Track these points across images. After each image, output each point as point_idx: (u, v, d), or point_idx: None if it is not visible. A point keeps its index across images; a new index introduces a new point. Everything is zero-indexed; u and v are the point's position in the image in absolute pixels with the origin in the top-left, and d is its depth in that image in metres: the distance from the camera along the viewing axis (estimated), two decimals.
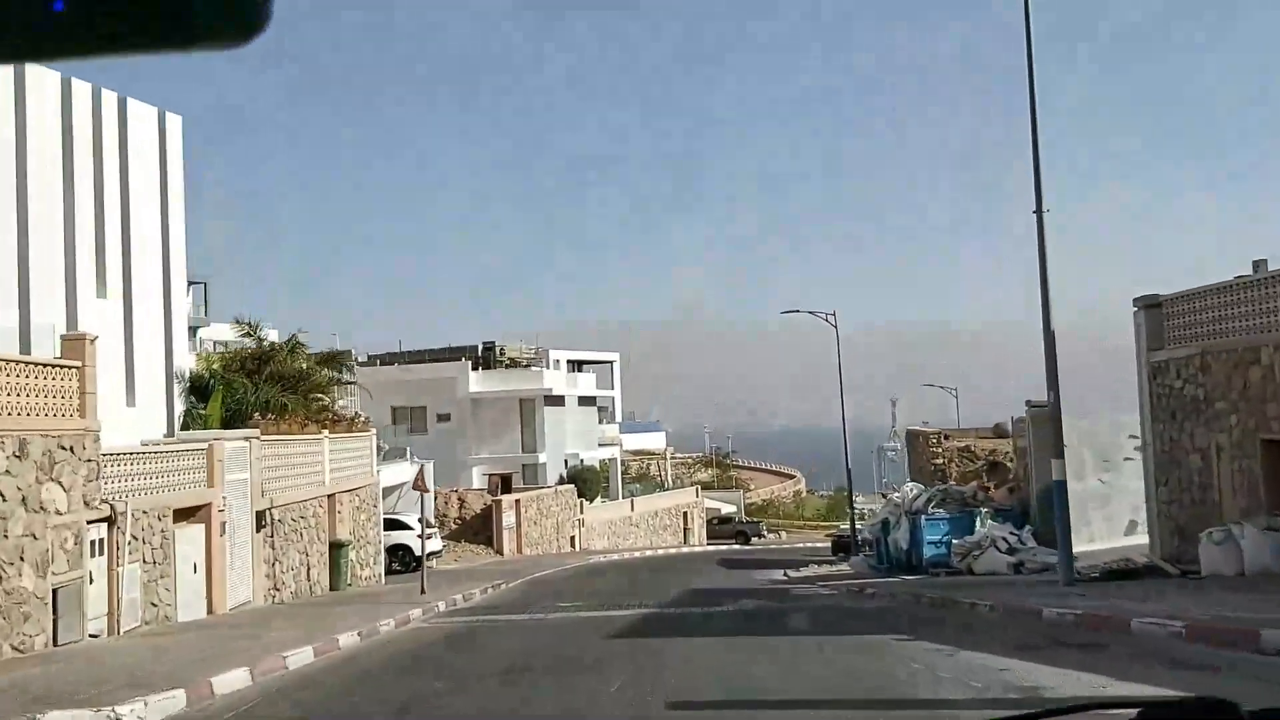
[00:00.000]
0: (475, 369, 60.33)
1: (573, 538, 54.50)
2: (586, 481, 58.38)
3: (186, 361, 23.82)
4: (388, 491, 37.97)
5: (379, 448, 37.72)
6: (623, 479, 74.01)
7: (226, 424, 23.14)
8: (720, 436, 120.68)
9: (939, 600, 19.04)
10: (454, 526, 48.25)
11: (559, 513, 53.10)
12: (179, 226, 23.90)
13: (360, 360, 65.12)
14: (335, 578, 26.84)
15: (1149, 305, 22.22)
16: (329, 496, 27.22)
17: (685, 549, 60.83)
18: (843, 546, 56.22)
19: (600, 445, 69.03)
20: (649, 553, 54.69)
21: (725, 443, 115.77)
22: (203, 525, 20.18)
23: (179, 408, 23.39)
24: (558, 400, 60.16)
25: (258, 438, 22.46)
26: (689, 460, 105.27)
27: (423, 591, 24.74)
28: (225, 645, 14.96)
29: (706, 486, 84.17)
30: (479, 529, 48.07)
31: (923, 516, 28.09)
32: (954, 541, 27.71)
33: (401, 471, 38.28)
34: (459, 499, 49.16)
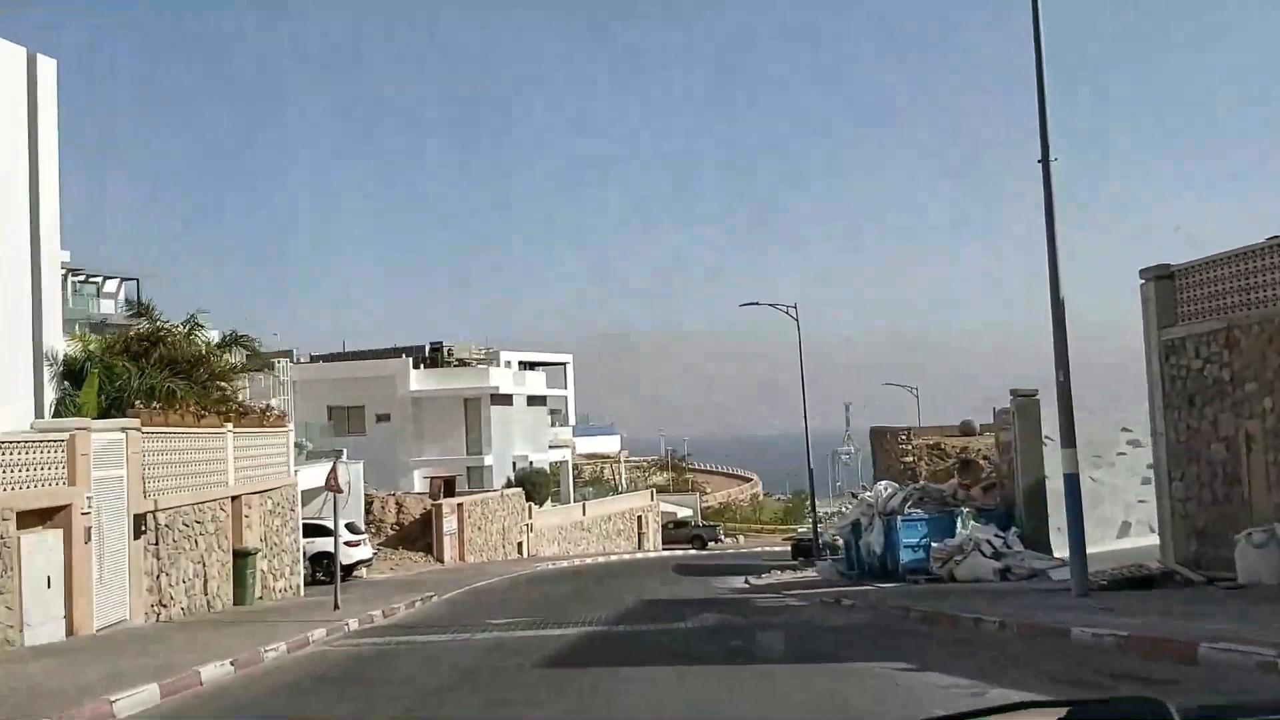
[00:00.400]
0: (418, 367, 56.98)
1: (520, 544, 51.37)
2: (536, 485, 55.27)
3: (58, 343, 20.42)
4: (311, 494, 34.67)
5: (299, 446, 34.40)
6: (575, 482, 70.96)
7: (104, 413, 19.84)
8: (676, 440, 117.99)
9: (932, 615, 16.18)
10: (391, 532, 44.95)
11: (505, 517, 49.95)
12: (51, 187, 20.56)
13: (303, 360, 61.64)
14: (240, 590, 23.56)
15: (1159, 276, 19.55)
16: (234, 498, 23.94)
17: (640, 555, 57.85)
18: (803, 551, 53.57)
19: (551, 447, 65.94)
20: (601, 559, 51.67)
21: (681, 446, 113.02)
22: (61, 531, 16.89)
23: (50, 395, 20.03)
24: (505, 399, 56.98)
25: (138, 429, 19.18)
26: (644, 463, 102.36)
27: (336, 607, 21.55)
28: (38, 684, 11.72)
29: (662, 490, 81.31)
30: (418, 535, 44.81)
31: (899, 518, 25.32)
32: (933, 545, 24.96)
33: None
34: (396, 503, 45.86)
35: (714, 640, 15.23)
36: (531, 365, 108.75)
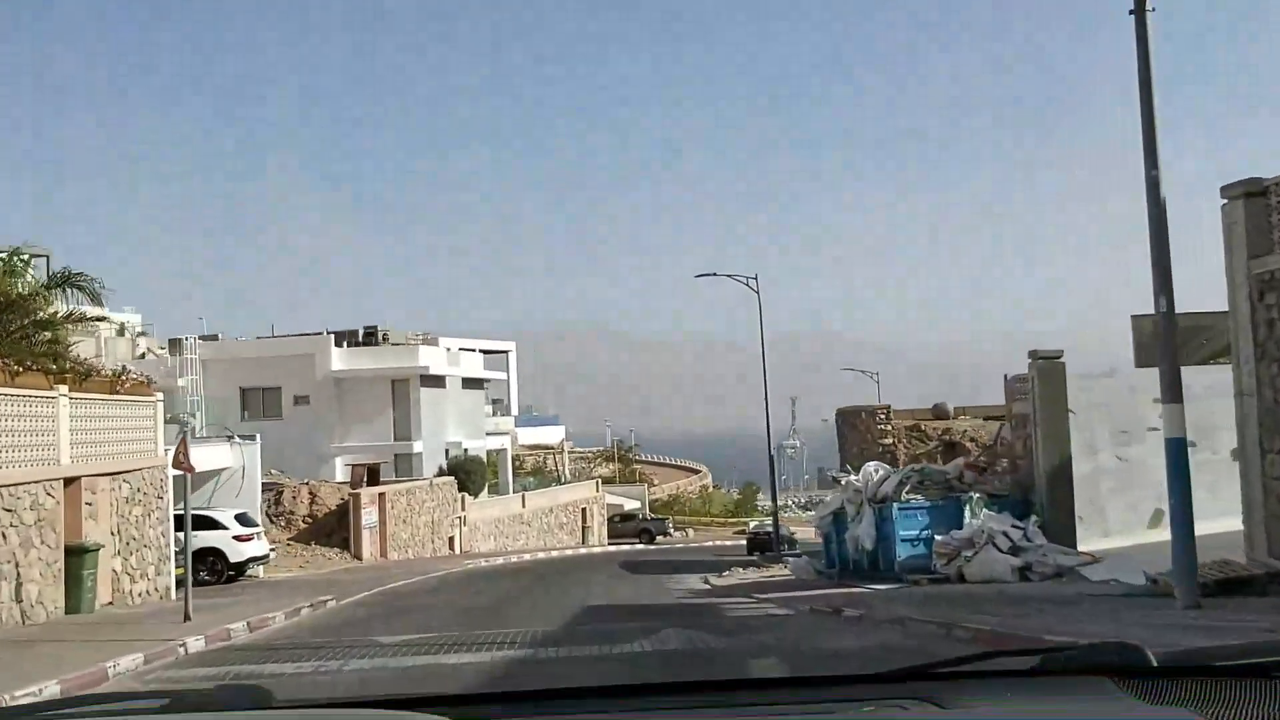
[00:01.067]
0: (340, 346, 51.65)
1: (452, 538, 46.36)
2: (471, 474, 50.26)
3: None
4: (203, 479, 29.50)
5: (181, 422, 29.23)
6: (515, 472, 66.05)
7: None
8: (622, 431, 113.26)
9: (984, 633, 11.54)
10: (303, 525, 39.76)
11: (435, 509, 44.90)
12: None
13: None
14: (76, 595, 18.46)
15: (1250, 194, 15.12)
16: (68, 481, 18.82)
17: (584, 550, 53.05)
18: (760, 545, 49.05)
19: (490, 435, 60.94)
20: (541, 555, 46.82)
21: (628, 437, 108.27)
22: None
23: None
24: (437, 381, 51.83)
25: None
26: (589, 454, 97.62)
27: (188, 618, 16.57)
28: None
29: (608, 482, 76.54)
30: (334, 529, 39.64)
31: (895, 506, 20.76)
32: (937, 538, 20.47)
33: (221, 455, 29.81)
34: (310, 493, 40.64)
35: (684, 672, 10.47)
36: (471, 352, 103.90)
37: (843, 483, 22.84)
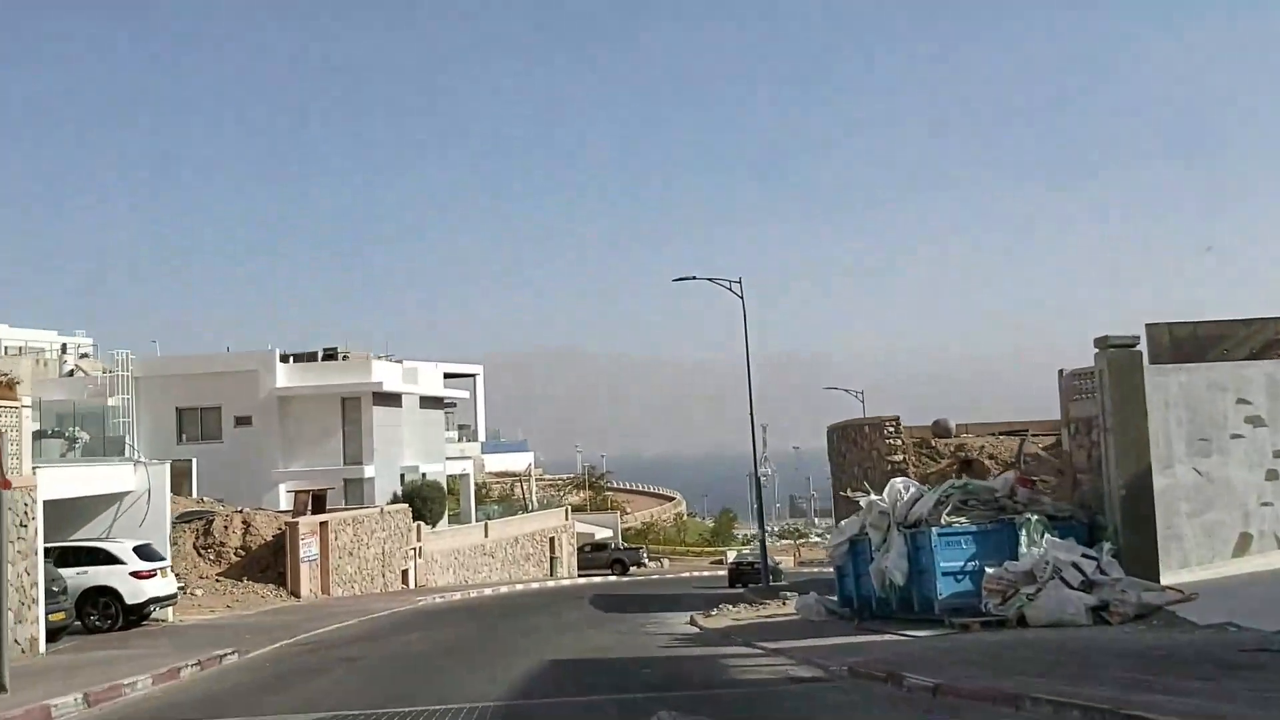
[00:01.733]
0: (286, 361, 47.05)
1: (405, 572, 41.76)
2: (428, 501, 45.70)
3: None
4: (95, 505, 24.93)
5: (69, 438, 24.72)
6: (480, 500, 61.50)
7: None
8: (594, 456, 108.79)
9: None
10: (235, 559, 35.08)
11: (386, 540, 40.32)
12: None
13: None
14: None
15: None
16: None
17: (551, 583, 48.58)
18: (745, 576, 44.79)
19: (451, 459, 56.38)
20: (504, 589, 42.33)
21: (600, 463, 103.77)
22: None
23: None
24: (391, 399, 47.31)
25: None
26: (559, 481, 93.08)
27: (3, 689, 12.08)
28: None
29: (578, 510, 72.05)
30: (269, 563, 34.97)
31: (934, 531, 16.49)
32: (988, 571, 16.22)
33: (121, 477, 25.20)
34: (243, 522, 35.96)
35: None
36: (444, 376, 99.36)
37: (863, 504, 18.55)
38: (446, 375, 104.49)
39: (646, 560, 62.19)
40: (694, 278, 38.97)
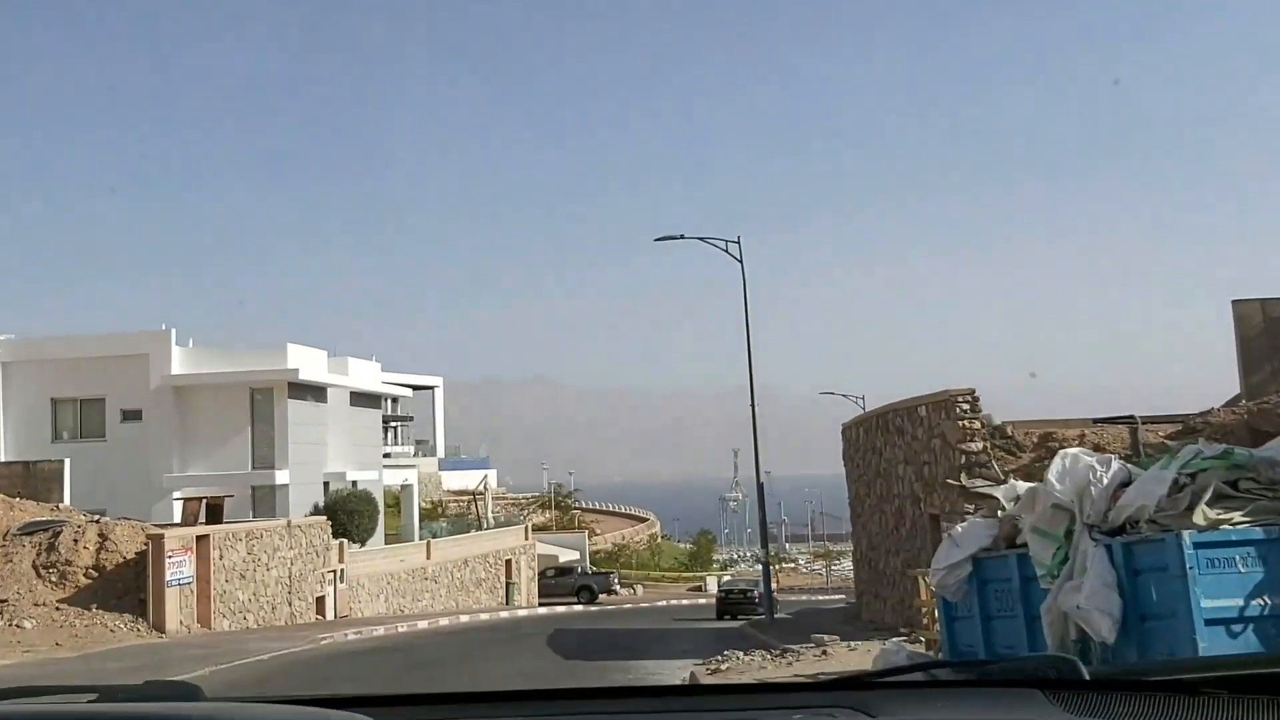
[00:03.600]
0: (184, 345, 38.52)
1: (322, 599, 33.29)
2: (356, 514, 37.29)
3: None
4: None
5: None
6: (427, 516, 53.02)
7: None
8: (561, 475, 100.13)
9: None
10: (85, 581, 26.55)
11: (296, 560, 31.89)
12: None
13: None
14: None
15: None
16: None
17: (505, 613, 40.22)
18: (734, 606, 36.70)
19: (392, 468, 47.96)
20: (445, 621, 33.98)
21: (567, 481, 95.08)
22: None
23: None
24: (314, 393, 38.88)
25: None
26: (522, 500, 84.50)
27: None
28: None
29: (542, 529, 63.57)
30: (128, 587, 26.52)
31: (1184, 538, 8.42)
32: None
33: None
34: (99, 534, 27.44)
35: None
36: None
37: (1010, 495, 10.49)
38: (408, 386, 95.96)
39: (618, 586, 53.82)
40: (681, 236, 31.03)
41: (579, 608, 47.62)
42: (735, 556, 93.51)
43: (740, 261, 30.11)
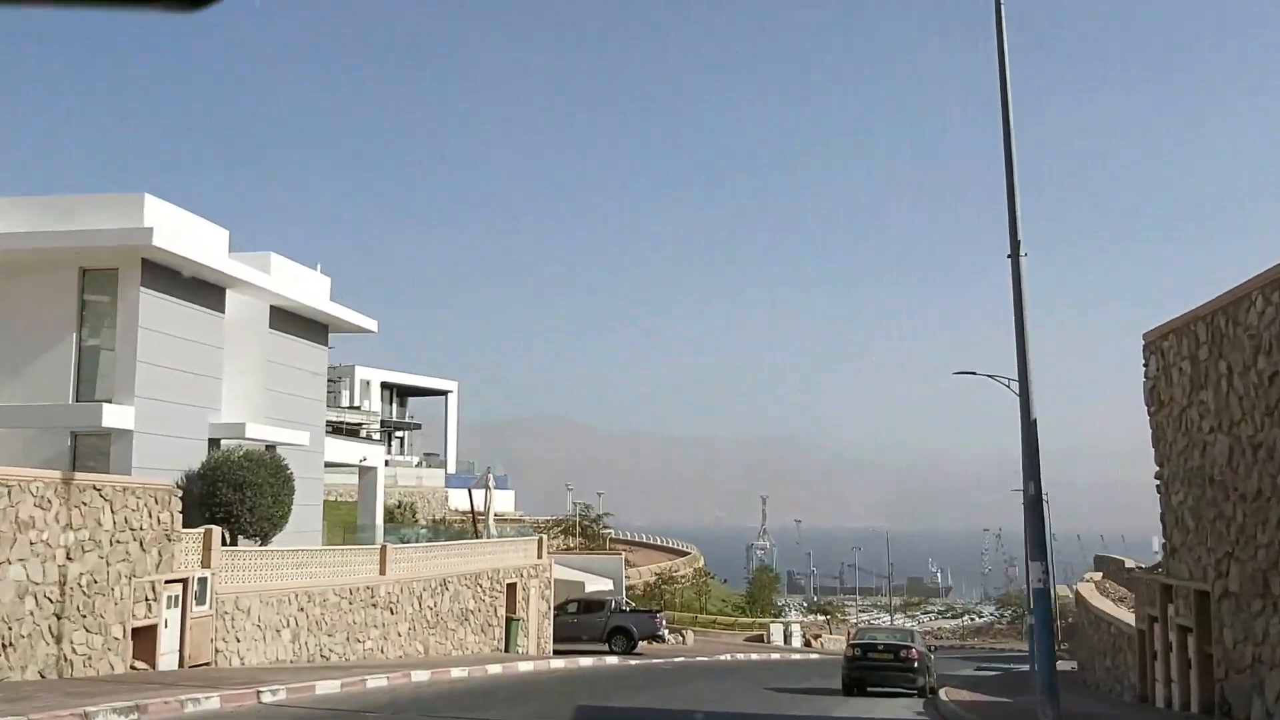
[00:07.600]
0: None
1: (150, 630, 17.34)
2: (248, 488, 21.49)
3: None
4: None
5: None
6: (391, 515, 37.15)
7: None
8: (590, 496, 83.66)
9: None
10: None
11: (90, 552, 16.02)
12: None
13: None
14: None
15: None
16: None
17: (498, 667, 23.78)
18: (879, 674, 20.55)
19: (345, 432, 32.15)
20: (386, 680, 18.03)
21: (596, 503, 78.53)
22: None
23: None
24: (199, 290, 23.19)
25: None
26: (541, 522, 68.16)
27: None
28: None
29: (564, 551, 47.45)
30: None
31: None
32: None
33: None
34: None
35: None
36: (409, 391, 75.17)
37: None
38: (416, 391, 79.50)
39: (666, 631, 37.60)
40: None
41: (612, 659, 31.62)
42: (791, 604, 77.24)
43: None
